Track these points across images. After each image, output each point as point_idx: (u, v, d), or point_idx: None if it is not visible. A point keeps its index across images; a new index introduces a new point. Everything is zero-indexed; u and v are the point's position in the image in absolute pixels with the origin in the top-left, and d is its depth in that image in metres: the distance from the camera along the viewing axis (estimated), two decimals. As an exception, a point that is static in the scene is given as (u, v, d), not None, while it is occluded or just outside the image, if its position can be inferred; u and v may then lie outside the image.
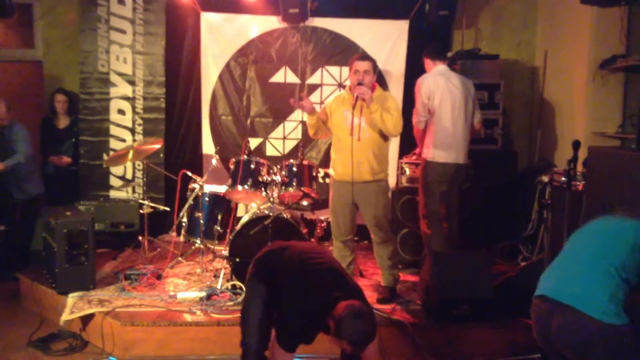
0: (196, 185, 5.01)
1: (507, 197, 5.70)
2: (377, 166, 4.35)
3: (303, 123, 6.22)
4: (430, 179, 4.71)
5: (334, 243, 4.59)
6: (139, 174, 6.16)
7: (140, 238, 5.35)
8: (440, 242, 4.72)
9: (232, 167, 4.73)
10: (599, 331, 2.47)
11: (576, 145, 3.68)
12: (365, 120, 4.26)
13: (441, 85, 4.62)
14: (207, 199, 4.98)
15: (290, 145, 6.32)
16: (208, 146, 6.30)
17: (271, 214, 4.34)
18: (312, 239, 5.09)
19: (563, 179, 3.85)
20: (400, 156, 5.77)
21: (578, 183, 4.35)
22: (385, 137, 4.37)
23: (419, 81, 4.72)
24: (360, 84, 4.18)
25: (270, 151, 6.31)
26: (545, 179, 5.01)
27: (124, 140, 6.14)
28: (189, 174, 5.07)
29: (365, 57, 4.41)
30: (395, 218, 5.28)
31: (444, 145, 4.65)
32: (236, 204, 5.17)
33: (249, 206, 5.22)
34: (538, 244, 5.16)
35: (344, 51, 6.13)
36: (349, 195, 4.35)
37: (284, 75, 6.24)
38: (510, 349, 3.87)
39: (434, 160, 4.68)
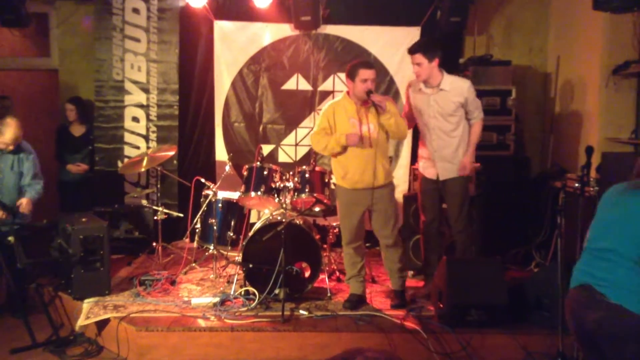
0: (209, 192, 5.05)
1: (519, 203, 5.68)
2: (388, 168, 4.42)
3: (315, 130, 6.25)
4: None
5: (345, 250, 4.51)
6: (152, 181, 6.20)
7: (154, 244, 5.41)
8: (434, 251, 4.74)
9: (245, 173, 4.77)
10: (635, 325, 2.39)
11: (589, 151, 3.67)
12: (374, 125, 4.28)
13: None
14: (220, 205, 5.02)
15: (302, 151, 6.35)
16: (221, 153, 6.34)
17: (284, 220, 4.36)
18: (324, 245, 5.11)
19: (576, 184, 3.84)
20: (413, 162, 5.78)
21: (591, 189, 4.34)
22: (387, 139, 4.42)
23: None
24: (370, 92, 4.18)
25: (282, 157, 6.34)
26: (559, 184, 4.98)
27: (138, 148, 6.20)
28: (203, 180, 5.12)
29: (370, 64, 4.39)
30: (407, 224, 5.27)
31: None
32: (249, 210, 5.20)
33: (262, 212, 5.25)
34: (551, 250, 5.13)
35: (355, 58, 6.10)
36: (366, 202, 4.31)
37: (296, 83, 6.28)
38: (523, 354, 3.86)
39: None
